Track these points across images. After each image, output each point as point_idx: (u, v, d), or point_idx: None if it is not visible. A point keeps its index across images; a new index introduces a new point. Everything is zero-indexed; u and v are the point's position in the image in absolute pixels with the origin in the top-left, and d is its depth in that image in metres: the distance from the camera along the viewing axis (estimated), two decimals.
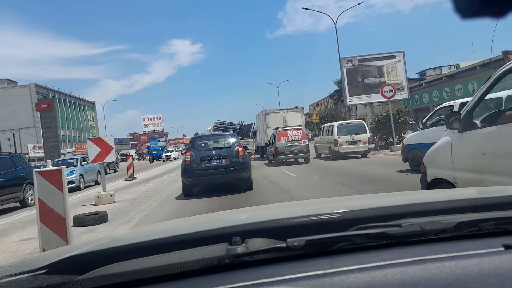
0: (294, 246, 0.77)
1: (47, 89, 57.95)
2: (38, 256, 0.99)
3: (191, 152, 7.75)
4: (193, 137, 8.91)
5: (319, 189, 7.73)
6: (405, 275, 0.67)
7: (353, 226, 0.84)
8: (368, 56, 24.54)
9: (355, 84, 24.63)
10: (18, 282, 0.74)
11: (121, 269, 0.75)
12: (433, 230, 0.83)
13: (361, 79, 24.30)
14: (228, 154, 7.67)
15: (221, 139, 8.48)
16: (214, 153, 7.70)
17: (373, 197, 1.69)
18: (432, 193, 1.63)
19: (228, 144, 8.05)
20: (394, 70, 24.25)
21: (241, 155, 7.68)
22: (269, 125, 20.09)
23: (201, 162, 7.58)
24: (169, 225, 1.44)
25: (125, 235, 1.47)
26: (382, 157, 14.71)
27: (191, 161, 7.58)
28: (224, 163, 7.60)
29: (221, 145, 8.05)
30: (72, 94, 65.03)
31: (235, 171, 7.57)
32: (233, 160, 7.61)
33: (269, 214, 1.17)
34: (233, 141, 8.14)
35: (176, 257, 0.77)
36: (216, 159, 7.62)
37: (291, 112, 21.06)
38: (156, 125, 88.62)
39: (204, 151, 7.84)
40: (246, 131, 26.81)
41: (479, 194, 1.14)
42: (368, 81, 24.34)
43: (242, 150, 7.80)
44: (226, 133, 9.89)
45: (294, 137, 15.04)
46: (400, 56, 24.28)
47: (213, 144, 8.22)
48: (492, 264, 0.69)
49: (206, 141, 8.40)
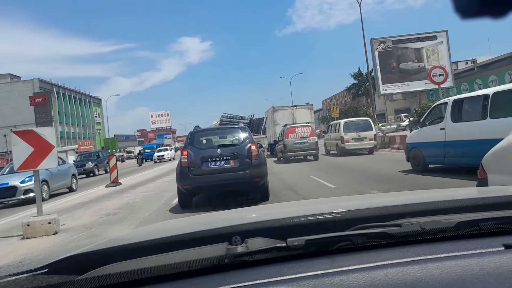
0: (294, 246, 0.78)
1: (51, 84, 55.83)
2: (37, 256, 0.99)
3: (189, 150, 6.17)
4: (192, 131, 6.92)
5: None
6: (405, 275, 0.67)
7: (353, 225, 0.84)
8: (404, 36, 20.82)
9: (389, 69, 20.94)
10: (18, 282, 0.74)
11: (121, 269, 0.75)
12: (433, 230, 0.83)
13: (396, 64, 20.60)
14: (238, 153, 6.12)
15: (228, 134, 6.91)
16: (219, 152, 6.13)
17: (373, 197, 1.82)
18: (432, 192, 1.58)
19: (238, 140, 6.45)
20: (435, 53, 20.47)
21: (254, 154, 6.12)
22: (278, 122, 19.60)
23: (202, 163, 6.05)
24: (169, 225, 1.44)
25: (125, 235, 1.29)
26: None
27: (189, 162, 6.05)
28: (232, 166, 6.06)
29: (228, 142, 6.52)
30: (77, 89, 63.06)
31: (246, 176, 6.03)
32: (244, 162, 6.06)
33: (269, 214, 1.18)
34: (244, 136, 6.48)
35: (176, 257, 0.77)
36: (222, 160, 6.08)
37: (300, 109, 20.53)
38: (164, 122, 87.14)
39: (206, 150, 6.24)
40: (257, 126, 24.49)
41: (479, 194, 1.16)
42: (404, 66, 20.64)
43: (255, 149, 6.23)
44: (234, 126, 7.85)
45: (303, 134, 14.69)
46: (443, 37, 20.48)
47: (218, 140, 6.67)
48: (492, 264, 0.69)
49: (209, 137, 6.71)
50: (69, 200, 9.74)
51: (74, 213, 7.23)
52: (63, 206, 8.60)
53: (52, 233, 5.38)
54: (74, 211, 7.54)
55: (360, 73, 42.15)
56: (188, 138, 6.58)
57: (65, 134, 55.84)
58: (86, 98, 65.11)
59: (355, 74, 43.00)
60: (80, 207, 8.05)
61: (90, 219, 6.54)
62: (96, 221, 6.36)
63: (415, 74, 19.71)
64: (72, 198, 10.23)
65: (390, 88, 20.77)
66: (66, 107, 57.31)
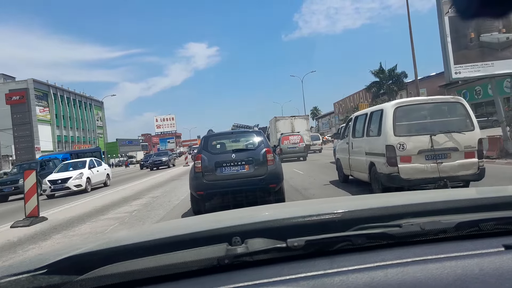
0: (294, 246, 0.79)
1: (48, 85, 52.53)
2: (38, 256, 1.00)
3: (203, 155, 6.13)
4: (206, 135, 6.83)
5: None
6: (405, 275, 0.68)
7: (353, 226, 0.86)
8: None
9: (464, 43, 14.43)
10: (18, 282, 0.75)
11: (121, 269, 0.76)
12: (434, 230, 0.84)
13: (475, 35, 14.09)
14: (253, 158, 6.06)
15: (242, 138, 6.89)
16: (234, 157, 6.07)
17: (373, 197, 1.83)
18: (432, 193, 1.61)
19: (253, 145, 6.39)
20: None
21: (269, 159, 6.06)
22: (279, 129, 23.34)
23: (216, 169, 6.02)
24: (169, 225, 1.47)
25: (125, 235, 1.38)
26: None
27: (203, 167, 6.01)
28: (247, 171, 6.00)
29: (243, 147, 6.51)
30: (77, 92, 61.12)
31: (261, 182, 5.96)
32: (260, 167, 6.01)
33: (269, 214, 1.21)
34: (259, 140, 6.39)
35: (176, 257, 0.79)
36: (237, 166, 6.02)
37: (297, 119, 24.98)
38: (169, 126, 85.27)
39: (220, 155, 6.22)
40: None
41: (479, 194, 1.16)
42: (486, 38, 14.11)
43: (271, 154, 6.17)
44: (249, 130, 7.56)
45: (294, 141, 19.21)
46: None
47: (233, 145, 6.70)
48: (492, 264, 0.70)
49: (223, 141, 6.80)
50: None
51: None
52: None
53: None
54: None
55: (381, 70, 37.37)
56: (202, 143, 6.58)
57: (63, 138, 53.22)
58: (87, 100, 62.43)
59: (376, 71, 37.59)
60: None
61: None
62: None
63: (502, 49, 13.33)
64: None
65: (465, 70, 14.28)
66: (64, 110, 54.67)
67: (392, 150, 5.73)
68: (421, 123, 6.01)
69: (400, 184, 5.70)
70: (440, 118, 6.01)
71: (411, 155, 5.71)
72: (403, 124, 5.89)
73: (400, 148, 5.70)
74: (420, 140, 5.71)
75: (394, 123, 5.82)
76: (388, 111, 5.96)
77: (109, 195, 11.79)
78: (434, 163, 5.63)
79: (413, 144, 5.71)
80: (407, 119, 5.98)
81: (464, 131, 5.73)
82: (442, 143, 5.67)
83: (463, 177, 5.75)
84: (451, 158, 5.70)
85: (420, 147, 5.69)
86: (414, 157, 5.70)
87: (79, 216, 7.92)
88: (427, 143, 5.67)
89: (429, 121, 6.00)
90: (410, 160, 5.72)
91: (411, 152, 5.70)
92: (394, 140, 5.73)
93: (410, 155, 5.71)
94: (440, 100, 6.40)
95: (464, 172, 5.71)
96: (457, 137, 5.70)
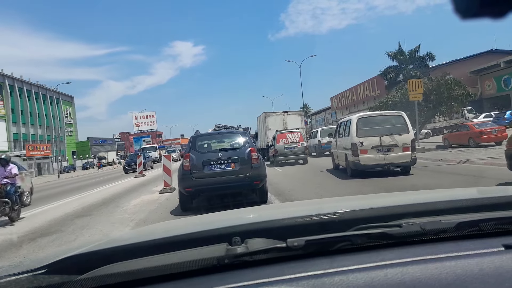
0: (294, 246, 0.80)
1: (3, 76, 45.59)
2: (38, 256, 1.04)
3: (191, 154, 6.62)
4: (194, 135, 7.54)
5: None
6: (405, 275, 0.69)
7: (353, 226, 0.87)
8: None
9: None
10: (18, 282, 0.75)
11: (121, 269, 0.77)
12: (434, 230, 0.85)
13: None
14: (238, 157, 6.57)
15: (228, 139, 7.46)
16: (221, 155, 6.56)
17: (373, 197, 1.76)
18: (432, 193, 1.60)
19: (238, 144, 6.95)
20: None
21: (254, 158, 6.60)
22: (270, 127, 20.52)
23: (203, 167, 6.51)
24: (169, 225, 1.46)
25: (125, 235, 1.40)
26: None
27: (191, 165, 6.49)
28: (233, 169, 6.50)
29: (229, 146, 7.01)
30: (42, 85, 54.24)
31: (247, 179, 6.46)
32: (245, 165, 6.53)
33: (269, 214, 1.22)
34: (244, 140, 7.00)
35: (175, 257, 0.79)
36: (223, 164, 6.51)
37: (291, 114, 21.51)
38: (149, 124, 79.34)
39: (207, 154, 6.76)
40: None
41: (480, 194, 1.18)
42: None
43: (255, 152, 6.73)
44: (234, 131, 8.79)
45: (292, 139, 15.54)
46: None
47: (219, 144, 7.21)
48: (492, 264, 0.71)
49: (210, 141, 7.35)
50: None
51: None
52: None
53: None
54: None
55: (400, 51, 28.36)
56: (189, 143, 7.10)
57: (21, 136, 47.41)
58: (53, 95, 53.98)
59: (393, 53, 28.43)
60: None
61: None
62: None
63: None
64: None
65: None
66: (23, 104, 48.42)
67: (355, 145, 9.02)
68: (374, 128, 9.23)
69: (360, 168, 9.05)
70: (387, 125, 9.28)
71: (367, 149, 8.97)
72: (362, 129, 9.17)
73: (360, 145, 8.97)
74: (373, 139, 8.97)
75: (357, 128, 9.14)
76: (353, 121, 9.36)
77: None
78: (382, 154, 8.94)
79: (369, 142, 8.97)
80: (365, 126, 9.26)
81: (402, 134, 9.03)
82: (387, 141, 8.98)
83: (401, 163, 9.10)
84: (393, 151, 8.99)
85: (373, 144, 8.95)
86: (369, 150, 8.95)
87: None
88: (377, 141, 8.93)
89: (379, 127, 9.25)
90: (367, 152, 8.97)
91: (367, 147, 8.97)
92: (357, 139, 9.02)
93: (366, 149, 8.98)
94: (388, 114, 10.08)
95: (402, 160, 9.00)
96: (397, 137, 9.01)
